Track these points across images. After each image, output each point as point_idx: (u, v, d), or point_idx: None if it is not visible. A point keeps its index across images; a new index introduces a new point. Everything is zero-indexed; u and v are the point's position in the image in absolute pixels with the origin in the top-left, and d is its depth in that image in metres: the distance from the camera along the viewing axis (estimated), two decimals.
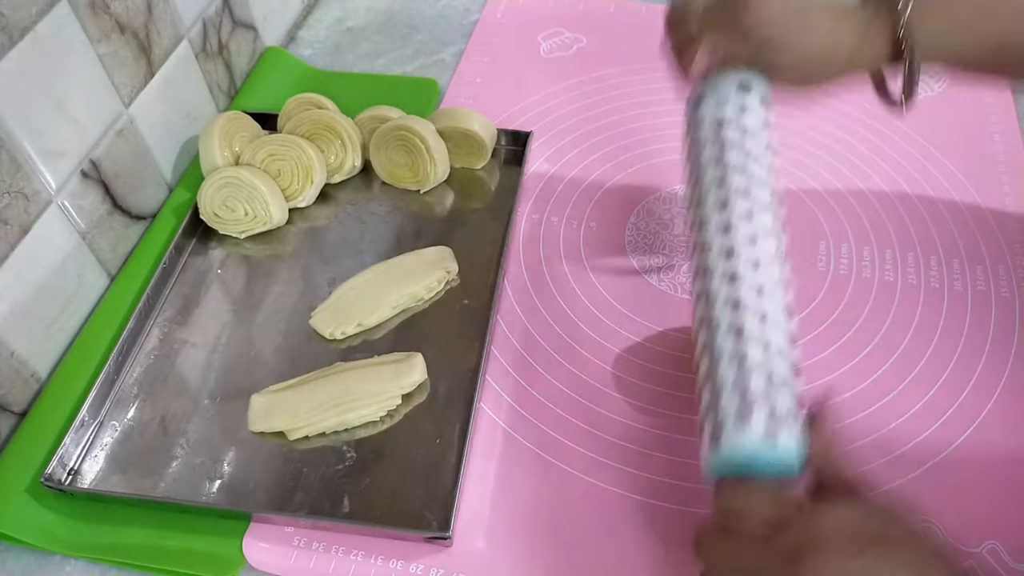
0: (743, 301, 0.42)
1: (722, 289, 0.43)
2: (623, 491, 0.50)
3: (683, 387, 0.55)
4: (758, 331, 0.42)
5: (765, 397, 0.40)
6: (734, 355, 0.41)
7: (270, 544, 0.48)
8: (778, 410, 0.40)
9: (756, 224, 0.44)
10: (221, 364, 0.56)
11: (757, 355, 0.41)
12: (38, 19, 0.51)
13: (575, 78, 0.78)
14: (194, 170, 0.68)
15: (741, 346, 0.41)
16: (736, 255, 0.44)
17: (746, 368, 0.41)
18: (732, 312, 0.42)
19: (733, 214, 0.44)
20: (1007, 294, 0.59)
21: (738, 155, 0.46)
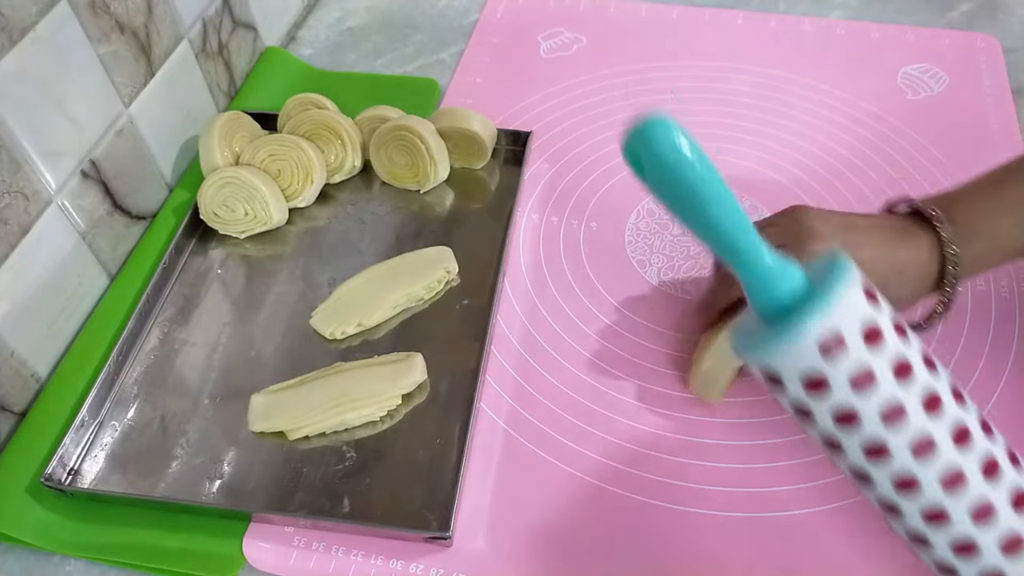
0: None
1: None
2: (623, 491, 0.50)
3: (683, 387, 0.55)
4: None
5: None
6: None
7: (270, 544, 0.48)
8: None
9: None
10: (221, 364, 0.56)
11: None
12: (38, 19, 0.51)
13: (575, 78, 0.78)
14: (194, 170, 0.68)
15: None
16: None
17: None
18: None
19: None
20: (1007, 294, 0.59)
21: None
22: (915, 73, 0.77)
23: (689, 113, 0.73)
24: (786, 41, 0.81)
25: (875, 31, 0.81)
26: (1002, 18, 0.82)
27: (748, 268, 0.31)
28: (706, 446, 0.52)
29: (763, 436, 0.52)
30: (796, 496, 0.49)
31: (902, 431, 0.31)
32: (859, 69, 0.77)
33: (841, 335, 0.30)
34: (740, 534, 0.48)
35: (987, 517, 0.33)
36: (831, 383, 0.31)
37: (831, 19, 0.83)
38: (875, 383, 0.31)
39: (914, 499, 0.33)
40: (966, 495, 0.32)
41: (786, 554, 0.47)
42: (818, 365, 0.31)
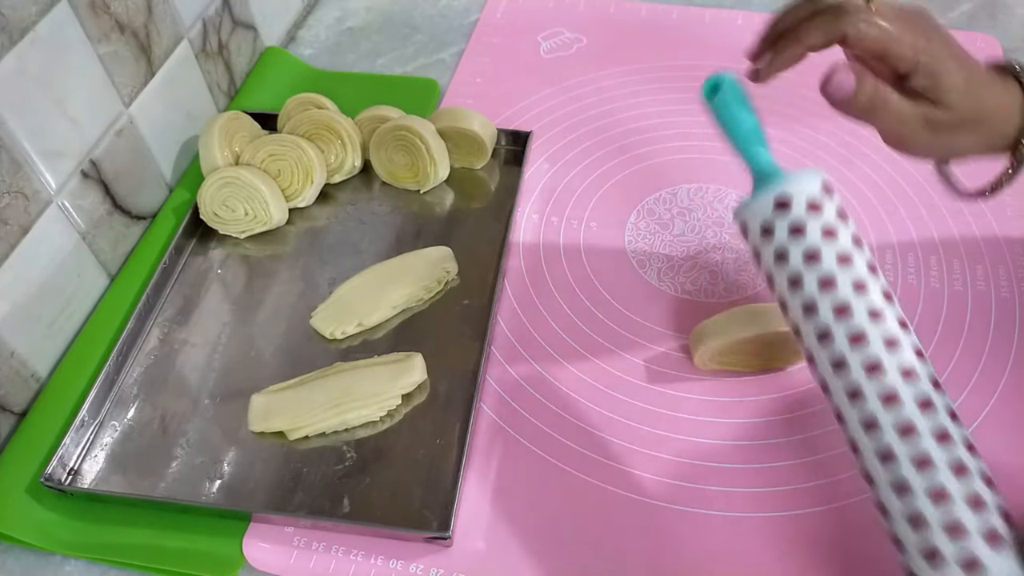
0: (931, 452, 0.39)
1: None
2: (623, 491, 0.50)
3: (683, 387, 0.55)
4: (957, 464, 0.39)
5: (969, 534, 0.37)
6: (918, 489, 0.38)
7: (270, 544, 0.48)
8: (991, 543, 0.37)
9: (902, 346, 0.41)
10: (221, 364, 0.56)
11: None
12: (38, 19, 0.51)
13: (575, 78, 0.78)
14: (194, 170, 0.68)
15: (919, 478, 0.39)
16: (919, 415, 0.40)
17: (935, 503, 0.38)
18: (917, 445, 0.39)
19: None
20: (1007, 294, 0.59)
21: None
22: None
23: (689, 113, 0.73)
24: None
25: None
26: (1002, 18, 0.83)
27: (754, 165, 0.45)
28: (706, 446, 0.52)
29: (763, 436, 0.52)
30: (797, 496, 0.49)
31: (814, 269, 0.42)
32: None
33: (789, 199, 0.42)
34: (740, 534, 0.48)
35: (860, 342, 0.41)
36: (775, 231, 0.43)
37: None
38: (804, 235, 0.42)
39: (812, 320, 0.42)
40: (849, 323, 0.41)
41: (786, 554, 0.47)
42: (770, 216, 0.43)
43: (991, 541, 0.37)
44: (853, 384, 0.40)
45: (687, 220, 0.65)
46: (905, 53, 0.41)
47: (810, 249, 0.42)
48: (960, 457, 0.39)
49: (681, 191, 0.67)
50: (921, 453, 0.38)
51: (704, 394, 0.54)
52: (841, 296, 0.41)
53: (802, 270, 0.42)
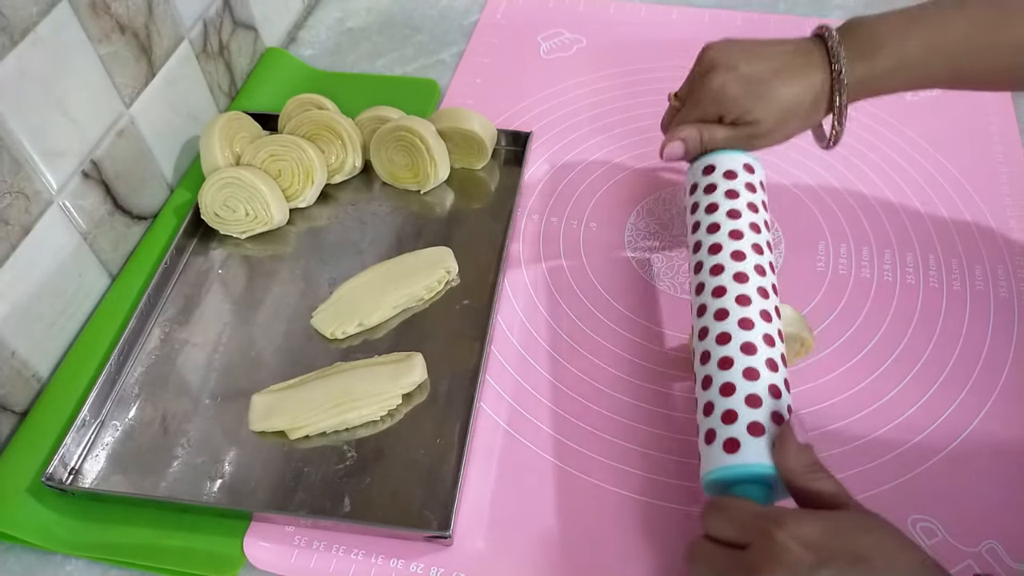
0: (728, 333, 0.47)
1: (711, 312, 0.49)
2: (623, 491, 0.50)
3: (682, 387, 0.55)
4: (737, 361, 0.45)
5: (737, 421, 0.43)
6: (716, 384, 0.45)
7: (271, 543, 0.48)
8: (751, 432, 0.43)
9: (744, 265, 0.50)
10: (222, 364, 0.56)
11: (731, 384, 0.45)
12: (39, 20, 0.51)
13: (575, 78, 0.78)
14: (195, 170, 0.68)
15: (720, 376, 0.46)
16: (724, 296, 0.49)
17: (723, 396, 0.45)
18: (717, 340, 0.47)
19: (721, 257, 0.50)
20: (1005, 294, 0.59)
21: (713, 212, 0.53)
22: None
23: None
24: None
25: None
26: None
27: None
28: None
29: None
30: None
31: (708, 217, 0.52)
32: None
33: (713, 165, 0.54)
34: None
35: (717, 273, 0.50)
36: (699, 185, 0.55)
37: (831, 19, 0.83)
38: (715, 191, 0.53)
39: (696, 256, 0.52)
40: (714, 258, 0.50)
41: None
42: (697, 178, 0.55)
43: (752, 431, 0.43)
44: (704, 303, 0.49)
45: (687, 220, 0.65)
46: (708, 115, 0.54)
47: (709, 203, 0.53)
48: (732, 380, 0.45)
49: (681, 191, 0.67)
50: (726, 356, 0.46)
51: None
52: (717, 239, 0.51)
53: (703, 217, 0.53)
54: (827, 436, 0.52)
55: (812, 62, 0.52)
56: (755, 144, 0.55)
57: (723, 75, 0.53)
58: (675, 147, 0.55)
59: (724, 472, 0.43)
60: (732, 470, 0.42)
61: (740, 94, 0.52)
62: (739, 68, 0.52)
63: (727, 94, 0.52)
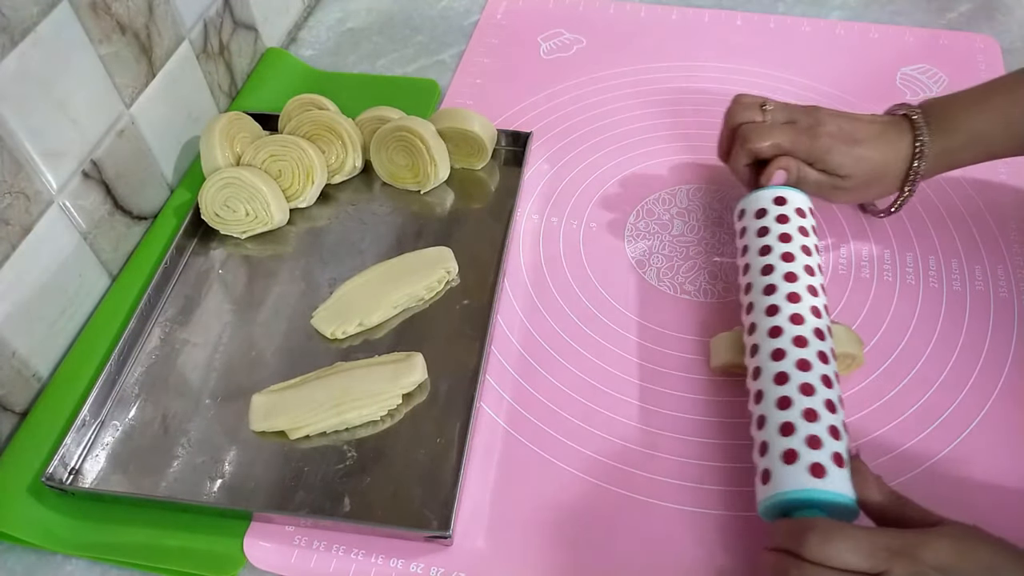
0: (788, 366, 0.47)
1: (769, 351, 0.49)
2: (623, 491, 0.50)
3: (683, 387, 0.55)
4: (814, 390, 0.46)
5: (817, 444, 0.43)
6: (787, 406, 0.45)
7: (271, 543, 0.48)
8: (830, 456, 0.43)
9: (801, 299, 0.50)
10: (222, 364, 0.56)
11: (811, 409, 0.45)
12: (39, 20, 0.51)
13: (575, 78, 0.78)
14: (195, 170, 0.68)
15: (793, 400, 0.45)
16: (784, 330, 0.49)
17: (800, 419, 0.45)
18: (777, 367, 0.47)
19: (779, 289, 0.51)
20: (1005, 294, 0.59)
21: (778, 241, 0.54)
22: (914, 74, 0.77)
23: (689, 114, 0.73)
24: (785, 42, 0.81)
25: (874, 32, 0.82)
26: (1001, 19, 0.83)
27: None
28: (706, 445, 0.52)
29: None
30: None
31: (760, 250, 0.54)
32: (858, 70, 0.77)
33: (759, 198, 0.56)
34: (741, 533, 0.48)
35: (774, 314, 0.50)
36: (746, 212, 0.57)
37: (830, 20, 0.83)
38: (766, 216, 0.55)
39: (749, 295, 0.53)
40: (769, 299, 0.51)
41: None
42: (767, 205, 0.56)
43: (837, 461, 0.43)
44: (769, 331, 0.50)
45: (687, 220, 0.65)
46: (798, 152, 0.56)
47: (765, 243, 0.54)
48: (813, 407, 0.45)
49: (681, 191, 0.67)
50: (807, 383, 0.46)
51: (704, 394, 0.54)
52: (771, 280, 0.52)
53: (753, 259, 0.54)
54: None
55: (901, 134, 0.56)
56: (835, 196, 0.59)
57: (831, 126, 0.56)
58: (780, 175, 0.57)
59: (812, 495, 0.42)
60: (822, 494, 0.42)
61: (841, 148, 0.56)
62: (842, 126, 0.57)
63: (830, 145, 0.56)
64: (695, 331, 0.58)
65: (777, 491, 0.43)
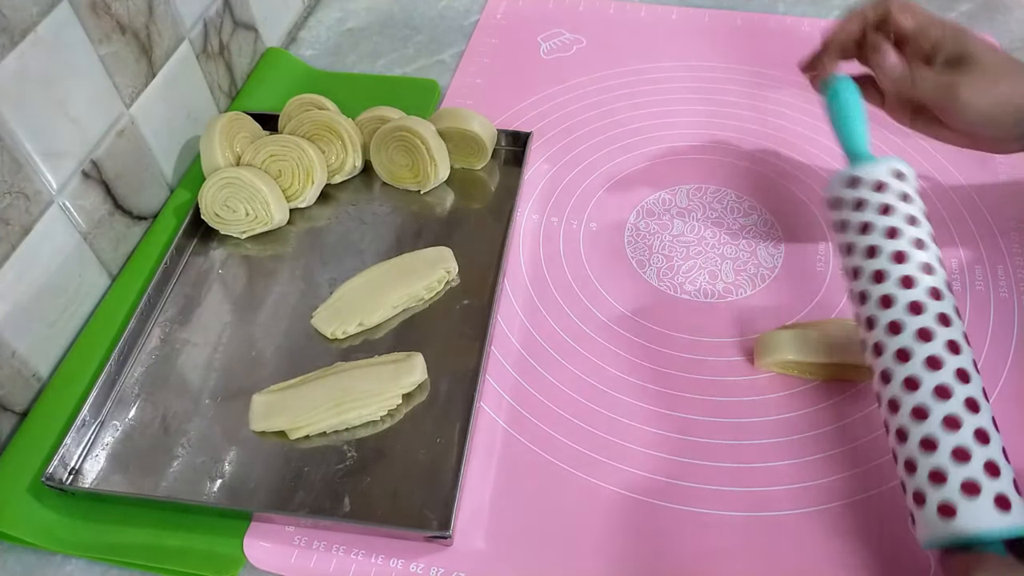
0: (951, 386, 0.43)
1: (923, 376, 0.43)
2: (624, 491, 0.50)
3: (683, 387, 0.55)
4: (973, 419, 0.42)
5: (993, 477, 0.40)
6: (956, 427, 0.42)
7: (271, 543, 0.48)
8: (1007, 489, 0.40)
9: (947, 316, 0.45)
10: (222, 364, 0.56)
11: (976, 438, 0.41)
12: (39, 20, 0.51)
13: (575, 78, 0.78)
14: (195, 170, 0.68)
15: (962, 430, 0.42)
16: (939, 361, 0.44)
17: (974, 443, 0.41)
18: (940, 401, 0.43)
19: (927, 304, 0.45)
20: (1005, 295, 0.59)
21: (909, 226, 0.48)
22: None
23: (688, 114, 0.73)
24: (785, 42, 0.81)
25: None
26: (1001, 18, 0.83)
27: (850, 148, 0.54)
28: (706, 446, 0.52)
29: (763, 436, 0.52)
30: (797, 496, 0.49)
31: (865, 239, 0.48)
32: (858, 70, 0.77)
33: (859, 178, 0.50)
34: (740, 534, 0.48)
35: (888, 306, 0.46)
36: (844, 200, 0.51)
37: (830, 20, 0.83)
38: (866, 206, 0.49)
39: (857, 283, 0.48)
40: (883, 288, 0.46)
41: (786, 554, 0.47)
42: (839, 191, 0.52)
43: (999, 504, 0.40)
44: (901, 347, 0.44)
45: (687, 220, 0.65)
46: (934, 31, 0.51)
47: (864, 221, 0.49)
48: (984, 426, 0.42)
49: (681, 191, 0.67)
50: (952, 415, 0.42)
51: (705, 394, 0.54)
52: (880, 265, 0.47)
53: (855, 239, 0.49)
54: (824, 437, 0.52)
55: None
56: (956, 103, 0.50)
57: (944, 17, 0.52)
58: (896, 62, 0.51)
59: (1008, 532, 0.39)
60: (1010, 531, 0.39)
61: (959, 30, 0.51)
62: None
63: (947, 23, 0.51)
64: (695, 331, 0.58)
65: (966, 529, 0.39)
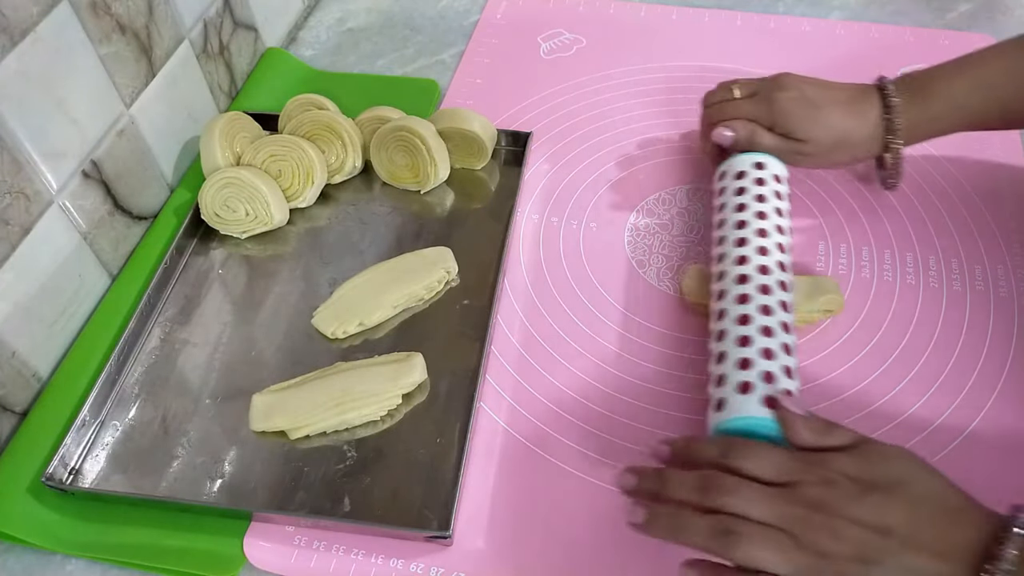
0: (754, 310, 0.50)
1: (736, 295, 0.51)
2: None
3: (683, 387, 0.55)
4: (771, 331, 0.48)
5: (767, 379, 0.46)
6: (745, 347, 0.48)
7: (271, 543, 0.48)
8: (775, 390, 0.45)
9: (767, 246, 0.53)
10: (222, 364, 0.56)
11: (764, 348, 0.47)
12: (39, 20, 0.51)
13: (575, 78, 0.78)
14: (195, 170, 0.68)
15: (752, 342, 0.48)
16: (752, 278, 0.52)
17: (755, 357, 0.47)
18: (742, 311, 0.50)
19: (750, 236, 0.54)
20: (1005, 294, 0.59)
21: (752, 198, 0.56)
22: None
23: (689, 114, 0.73)
24: (785, 42, 0.81)
25: (874, 32, 0.82)
26: (1001, 18, 0.83)
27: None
28: None
29: None
30: None
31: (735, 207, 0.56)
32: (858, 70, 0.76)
33: (734, 164, 0.59)
34: None
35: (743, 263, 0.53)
36: (727, 174, 0.59)
37: (830, 20, 0.83)
38: (736, 182, 0.58)
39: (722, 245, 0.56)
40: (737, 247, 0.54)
41: None
42: (724, 167, 0.60)
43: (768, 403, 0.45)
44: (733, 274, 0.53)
45: (687, 220, 0.65)
46: (758, 119, 0.59)
47: (741, 201, 0.57)
48: (789, 344, 0.49)
49: (681, 191, 0.67)
50: (767, 325, 0.49)
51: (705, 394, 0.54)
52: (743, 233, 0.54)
53: (729, 198, 0.58)
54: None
55: (869, 102, 0.58)
56: (798, 161, 0.60)
57: (791, 92, 0.59)
58: (726, 135, 0.59)
59: (757, 424, 0.44)
60: (766, 425, 0.44)
61: (799, 113, 0.58)
62: (805, 91, 0.59)
63: (788, 109, 0.58)
64: (695, 331, 0.58)
65: (730, 416, 0.45)
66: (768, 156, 0.59)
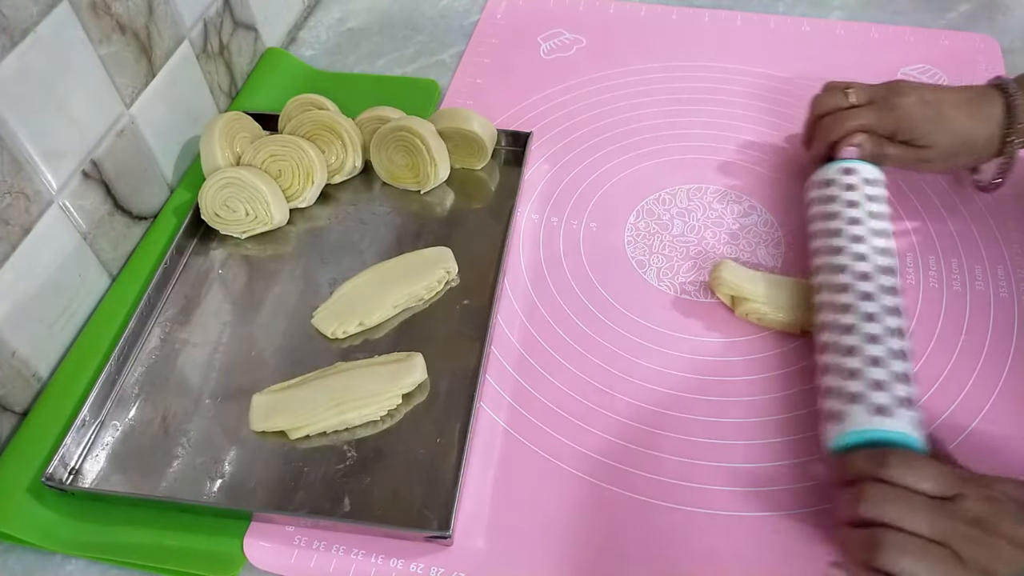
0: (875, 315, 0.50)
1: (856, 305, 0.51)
2: (624, 491, 0.50)
3: (683, 387, 0.55)
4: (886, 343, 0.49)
5: (896, 393, 0.46)
6: (871, 359, 0.48)
7: (271, 543, 0.48)
8: (897, 399, 0.46)
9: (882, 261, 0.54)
10: (222, 364, 0.56)
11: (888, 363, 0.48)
12: (39, 20, 0.51)
13: (575, 78, 0.78)
14: (195, 170, 0.68)
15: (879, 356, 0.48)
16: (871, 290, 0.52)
17: (882, 369, 0.47)
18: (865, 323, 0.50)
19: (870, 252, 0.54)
20: (1005, 294, 0.59)
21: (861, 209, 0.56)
22: (914, 74, 0.77)
23: (688, 114, 0.73)
24: (785, 42, 0.81)
25: (874, 32, 0.82)
26: (1001, 18, 0.83)
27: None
28: (706, 445, 0.52)
29: (763, 436, 0.52)
30: (796, 495, 0.49)
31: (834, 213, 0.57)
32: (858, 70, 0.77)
33: (831, 170, 0.59)
34: (740, 533, 0.48)
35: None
36: (827, 179, 0.59)
37: (830, 20, 0.83)
38: (836, 186, 0.58)
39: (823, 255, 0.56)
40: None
41: (786, 553, 0.47)
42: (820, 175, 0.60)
43: (904, 404, 0.46)
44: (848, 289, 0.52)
45: (687, 220, 0.65)
46: (878, 129, 0.58)
47: (831, 199, 0.57)
48: (904, 349, 0.49)
49: (681, 191, 0.67)
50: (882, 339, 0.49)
51: (705, 394, 0.54)
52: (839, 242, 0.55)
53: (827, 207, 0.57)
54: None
55: (992, 102, 0.57)
56: (921, 167, 0.60)
57: (911, 97, 0.57)
58: (851, 151, 0.58)
59: (904, 439, 0.44)
60: (890, 435, 0.44)
61: (923, 118, 0.57)
62: (925, 96, 0.57)
63: (912, 114, 0.57)
64: (695, 331, 0.58)
65: (850, 429, 0.45)
66: (859, 162, 0.58)
